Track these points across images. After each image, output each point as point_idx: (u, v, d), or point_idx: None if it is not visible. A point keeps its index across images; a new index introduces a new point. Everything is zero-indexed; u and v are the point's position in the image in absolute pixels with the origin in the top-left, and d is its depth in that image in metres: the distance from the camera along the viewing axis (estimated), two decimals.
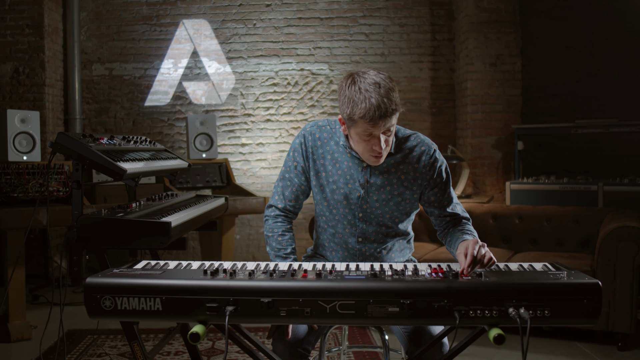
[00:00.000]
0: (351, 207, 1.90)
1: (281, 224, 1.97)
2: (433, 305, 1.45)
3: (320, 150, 1.92)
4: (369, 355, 3.16)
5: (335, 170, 1.90)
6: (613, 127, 4.44)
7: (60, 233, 5.06)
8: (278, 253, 1.94)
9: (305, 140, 1.93)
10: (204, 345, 3.33)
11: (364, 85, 1.70)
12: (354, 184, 1.88)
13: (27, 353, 3.25)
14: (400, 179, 1.88)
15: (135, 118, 5.42)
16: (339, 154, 1.90)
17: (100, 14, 5.38)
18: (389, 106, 1.68)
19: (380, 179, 1.87)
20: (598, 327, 3.20)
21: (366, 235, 1.93)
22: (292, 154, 1.96)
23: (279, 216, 1.99)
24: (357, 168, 1.88)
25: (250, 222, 5.42)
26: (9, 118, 3.79)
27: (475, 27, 4.99)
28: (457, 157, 4.73)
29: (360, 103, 1.68)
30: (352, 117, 1.72)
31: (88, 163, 1.90)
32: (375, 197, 1.88)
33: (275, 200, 2.00)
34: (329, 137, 1.93)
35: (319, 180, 1.93)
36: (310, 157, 1.93)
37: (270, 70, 5.42)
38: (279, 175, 2.01)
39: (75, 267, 1.85)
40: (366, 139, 1.75)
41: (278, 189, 2.00)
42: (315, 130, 1.94)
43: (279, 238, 1.95)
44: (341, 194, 1.89)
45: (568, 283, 1.47)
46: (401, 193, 1.88)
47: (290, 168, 1.96)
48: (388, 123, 1.71)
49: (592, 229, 3.64)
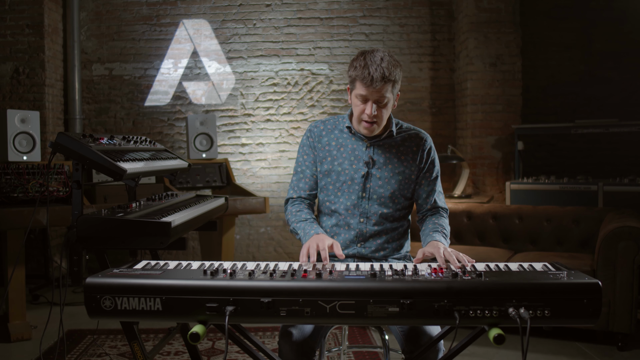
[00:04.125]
0: (355, 187, 2.05)
1: (298, 205, 2.12)
2: (433, 305, 1.45)
3: (325, 139, 2.11)
4: (369, 355, 3.16)
5: (340, 154, 2.08)
6: (613, 127, 4.44)
7: (60, 233, 5.06)
8: (298, 219, 2.05)
9: (311, 134, 2.13)
10: (204, 345, 3.33)
11: (370, 56, 1.94)
12: (358, 163, 2.05)
13: (27, 353, 3.25)
14: (401, 158, 2.06)
15: (135, 118, 5.42)
16: (343, 139, 2.09)
17: (100, 14, 5.38)
18: (385, 73, 1.90)
19: (383, 158, 2.06)
20: (598, 327, 3.20)
21: (368, 215, 2.05)
22: (301, 150, 2.15)
23: (296, 201, 2.14)
24: (361, 148, 2.07)
25: (250, 222, 5.42)
26: (9, 118, 3.79)
27: (475, 27, 4.99)
28: (457, 157, 4.73)
29: (362, 67, 1.92)
30: (353, 79, 1.96)
31: (88, 163, 1.90)
32: (378, 175, 2.05)
33: (291, 194, 2.16)
34: (333, 127, 2.13)
35: (324, 166, 2.09)
36: (317, 147, 2.11)
37: (270, 70, 5.42)
38: (292, 172, 2.17)
39: (75, 267, 1.85)
40: (361, 103, 1.97)
41: (292, 183, 2.16)
42: (319, 124, 2.15)
43: (297, 213, 2.08)
44: (346, 174, 2.06)
45: (568, 283, 1.47)
46: (402, 172, 2.06)
47: (301, 162, 2.14)
48: (382, 91, 1.91)
49: (592, 229, 3.64)
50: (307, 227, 2.00)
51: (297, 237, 2.05)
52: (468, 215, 4.03)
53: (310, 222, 2.02)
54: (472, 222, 4.00)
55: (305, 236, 1.96)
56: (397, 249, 2.11)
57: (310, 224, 2.01)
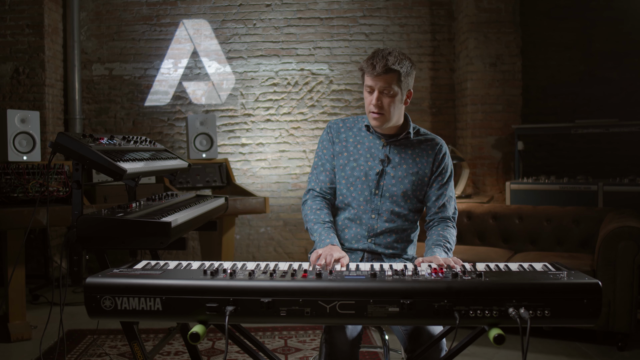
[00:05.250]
0: (369, 183, 2.08)
1: (319, 202, 2.12)
2: (433, 305, 1.45)
3: (343, 135, 2.16)
4: (369, 355, 3.16)
5: (357, 150, 2.12)
6: (613, 127, 4.44)
7: (60, 233, 5.06)
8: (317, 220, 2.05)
9: (331, 130, 2.18)
10: (204, 345, 3.33)
11: (379, 50, 2.01)
12: (374, 161, 2.09)
13: (27, 353, 3.25)
14: (416, 160, 2.09)
15: (135, 118, 5.42)
16: (361, 137, 2.14)
17: (100, 14, 5.37)
18: (388, 63, 1.94)
19: (399, 157, 2.09)
20: (598, 327, 3.20)
21: (379, 212, 2.07)
22: (320, 145, 2.19)
23: (318, 196, 2.15)
24: (378, 146, 2.11)
25: (250, 222, 5.42)
26: (9, 118, 3.78)
27: (475, 27, 4.99)
28: (457, 157, 4.73)
29: (369, 59, 1.99)
30: (363, 73, 2.02)
31: (88, 163, 1.90)
32: (392, 174, 2.08)
33: (312, 185, 2.17)
34: (352, 125, 2.18)
35: (340, 160, 2.13)
36: (335, 142, 2.15)
37: (270, 70, 5.42)
38: (312, 167, 2.21)
39: (75, 267, 1.85)
40: (368, 93, 2.02)
41: (313, 176, 2.18)
42: (339, 121, 2.21)
43: (317, 212, 2.08)
44: (361, 170, 2.09)
45: (568, 283, 1.47)
46: (415, 173, 2.08)
47: (321, 156, 2.17)
48: (386, 80, 1.96)
49: (592, 229, 3.64)
50: (324, 233, 1.99)
51: (311, 237, 2.06)
52: (468, 215, 4.03)
53: (327, 228, 2.02)
54: (472, 222, 4.00)
55: (320, 243, 1.96)
56: (405, 250, 2.12)
57: (328, 231, 2.00)
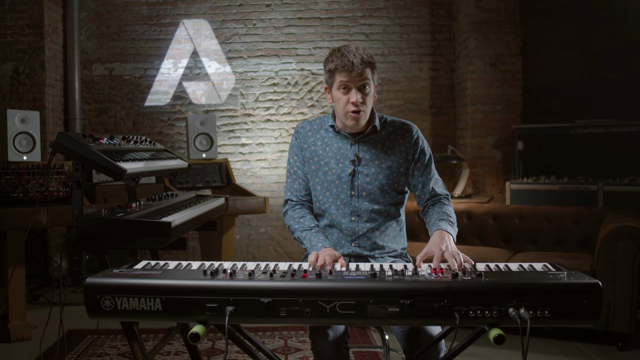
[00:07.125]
0: (343, 185, 2.04)
1: (299, 210, 2.11)
2: (433, 306, 1.45)
3: (311, 139, 2.11)
4: (369, 355, 3.16)
5: (326, 153, 2.07)
6: (613, 127, 4.44)
7: (60, 233, 5.06)
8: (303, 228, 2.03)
9: (298, 135, 2.14)
10: (204, 345, 3.33)
11: (343, 48, 1.95)
12: (345, 162, 2.04)
13: (27, 353, 3.25)
14: (387, 153, 2.04)
15: (135, 118, 5.42)
16: (329, 139, 2.09)
17: (100, 14, 5.37)
18: (364, 57, 1.91)
19: (369, 154, 2.03)
20: (598, 327, 3.20)
21: (359, 213, 2.03)
22: (291, 151, 2.16)
23: (297, 205, 2.13)
24: (347, 146, 2.05)
25: (250, 222, 5.42)
26: (9, 118, 3.78)
27: (475, 27, 4.99)
28: (457, 157, 4.73)
29: (339, 57, 1.92)
30: (332, 70, 1.95)
31: (88, 163, 1.90)
32: (365, 172, 2.03)
33: (288, 195, 2.16)
34: (319, 127, 2.12)
35: (311, 166, 2.09)
36: (303, 147, 2.11)
37: (270, 70, 5.42)
38: (286, 175, 2.17)
39: (75, 267, 1.85)
40: (343, 94, 1.94)
41: (287, 185, 2.16)
42: (305, 125, 2.15)
43: (300, 220, 2.07)
44: (334, 174, 2.05)
45: (568, 283, 1.47)
46: (389, 166, 2.03)
47: (292, 163, 2.14)
48: (364, 74, 1.92)
49: (592, 229, 3.64)
50: (314, 238, 1.97)
51: (302, 246, 2.03)
52: (468, 215, 4.03)
53: (315, 233, 2.00)
54: (472, 222, 4.00)
55: (312, 248, 1.94)
56: (392, 246, 2.08)
57: (317, 235, 1.98)
